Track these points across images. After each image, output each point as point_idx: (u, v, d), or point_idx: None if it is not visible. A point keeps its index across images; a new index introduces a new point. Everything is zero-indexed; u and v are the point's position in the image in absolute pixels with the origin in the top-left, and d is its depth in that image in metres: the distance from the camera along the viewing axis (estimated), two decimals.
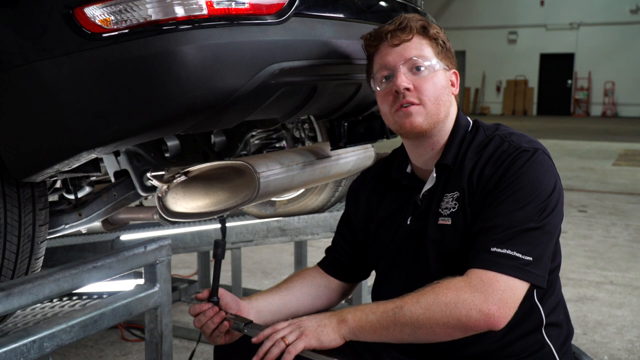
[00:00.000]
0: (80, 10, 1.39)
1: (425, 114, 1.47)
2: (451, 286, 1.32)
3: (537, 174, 1.39)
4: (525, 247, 1.33)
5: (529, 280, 1.33)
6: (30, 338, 1.42)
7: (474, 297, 1.29)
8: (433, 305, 1.31)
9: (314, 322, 1.40)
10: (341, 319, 1.39)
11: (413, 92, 1.46)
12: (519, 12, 24.20)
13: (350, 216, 1.70)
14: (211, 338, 1.51)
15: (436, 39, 1.49)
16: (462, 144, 1.50)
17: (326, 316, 1.41)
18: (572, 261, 4.42)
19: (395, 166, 1.62)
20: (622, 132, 16.23)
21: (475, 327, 1.31)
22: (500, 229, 1.34)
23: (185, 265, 4.33)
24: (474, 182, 1.43)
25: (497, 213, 1.37)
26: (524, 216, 1.34)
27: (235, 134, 2.07)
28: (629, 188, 7.56)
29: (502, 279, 1.30)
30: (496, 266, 1.31)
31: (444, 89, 1.49)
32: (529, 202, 1.36)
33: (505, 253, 1.32)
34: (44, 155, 1.55)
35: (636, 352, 2.96)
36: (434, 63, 1.47)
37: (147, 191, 1.94)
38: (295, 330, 1.38)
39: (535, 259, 1.33)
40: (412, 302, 1.34)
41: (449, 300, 1.30)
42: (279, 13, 1.51)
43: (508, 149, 1.43)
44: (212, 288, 1.51)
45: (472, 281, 1.31)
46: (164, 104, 1.41)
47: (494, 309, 1.29)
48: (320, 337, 1.37)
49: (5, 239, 1.66)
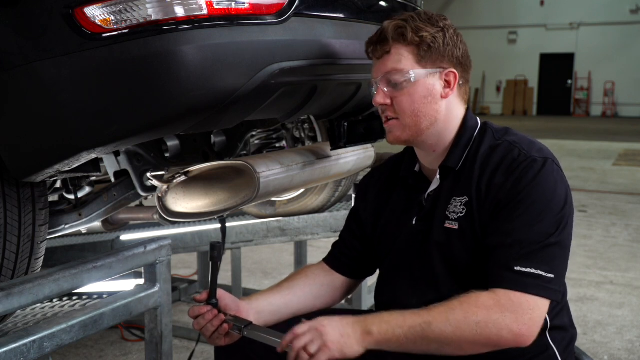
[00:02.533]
0: (80, 10, 1.39)
1: (403, 127, 1.47)
2: (480, 305, 1.32)
3: (550, 185, 1.39)
4: (547, 264, 1.34)
5: (551, 298, 1.35)
6: (30, 338, 1.42)
7: (505, 317, 1.31)
8: (463, 324, 1.31)
9: (337, 331, 1.34)
10: (366, 330, 1.35)
11: (390, 107, 1.47)
12: (519, 12, 24.20)
13: (360, 211, 1.69)
14: (211, 340, 1.50)
15: (418, 43, 1.43)
16: (468, 147, 1.49)
17: (349, 324, 1.36)
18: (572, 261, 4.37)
19: (405, 164, 1.62)
20: (622, 132, 16.23)
21: (504, 346, 1.33)
22: (520, 246, 1.35)
23: (185, 265, 4.33)
24: (483, 189, 1.42)
25: (514, 227, 1.36)
26: (543, 231, 1.35)
27: (235, 134, 2.07)
28: (629, 188, 7.56)
29: (529, 299, 1.32)
30: (523, 287, 1.32)
31: (423, 99, 1.45)
32: (545, 215, 1.36)
33: (530, 272, 1.33)
34: (44, 155, 1.55)
35: (636, 352, 2.96)
36: (412, 74, 1.43)
37: (147, 191, 1.94)
38: (317, 340, 1.32)
39: (557, 276, 1.35)
40: (442, 319, 1.32)
41: (480, 320, 1.31)
42: (279, 13, 1.51)
43: (519, 158, 1.41)
44: (210, 290, 1.50)
45: (502, 301, 1.32)
46: (164, 104, 1.41)
47: (524, 328, 1.31)
48: (344, 349, 1.33)
49: (5, 239, 1.66)
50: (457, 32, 1.50)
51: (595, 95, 23.85)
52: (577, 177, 8.22)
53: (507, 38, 24.57)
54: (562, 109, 24.16)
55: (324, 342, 1.32)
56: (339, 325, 1.35)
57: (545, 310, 1.35)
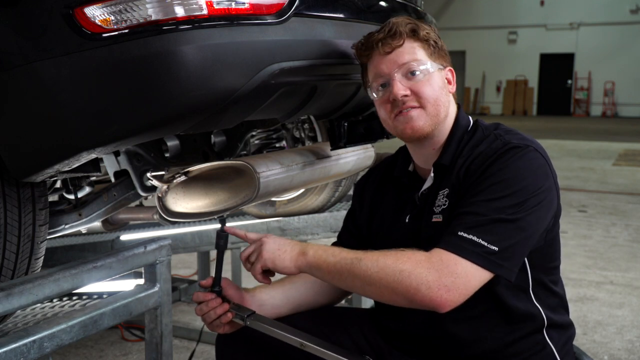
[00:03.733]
0: (80, 10, 1.39)
1: (426, 116, 1.48)
2: (412, 257, 1.33)
3: (523, 170, 1.38)
4: (493, 236, 1.32)
5: (491, 269, 1.32)
6: (30, 338, 1.42)
7: (428, 273, 1.30)
8: (389, 268, 1.32)
9: (275, 245, 1.45)
10: (302, 251, 1.43)
11: (411, 96, 1.47)
12: (519, 12, 24.20)
13: (356, 211, 1.71)
14: (211, 326, 1.52)
15: (427, 40, 1.49)
16: (460, 144, 1.50)
17: (289, 243, 1.46)
18: (572, 261, 4.42)
19: (399, 164, 1.63)
20: (622, 132, 16.23)
21: (419, 302, 1.31)
22: (471, 216, 1.35)
23: (185, 265, 4.33)
24: (461, 177, 1.44)
25: (473, 201, 1.37)
26: (498, 207, 1.34)
27: (235, 134, 2.07)
28: (629, 188, 7.56)
29: (461, 264, 1.30)
30: (459, 250, 1.32)
31: (441, 89, 1.49)
32: (507, 194, 1.35)
33: (470, 239, 1.32)
34: (44, 155, 1.55)
35: (636, 352, 2.96)
36: (429, 65, 1.47)
37: (147, 191, 1.94)
38: (256, 250, 1.46)
39: (502, 250, 1.32)
40: (372, 259, 1.35)
41: (404, 269, 1.31)
42: (279, 13, 1.51)
43: (497, 145, 1.43)
44: (214, 278, 1.52)
45: (432, 258, 1.32)
46: (164, 104, 1.41)
47: (443, 290, 1.29)
48: (276, 261, 1.44)
49: (5, 239, 1.66)
50: None
51: (595, 95, 23.85)
52: (577, 177, 8.22)
53: (507, 38, 24.57)
54: (562, 109, 24.16)
55: (260, 252, 1.45)
56: (279, 240, 1.47)
57: (477, 281, 1.32)
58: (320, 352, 1.41)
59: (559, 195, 1.47)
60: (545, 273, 1.48)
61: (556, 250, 1.51)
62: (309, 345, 1.41)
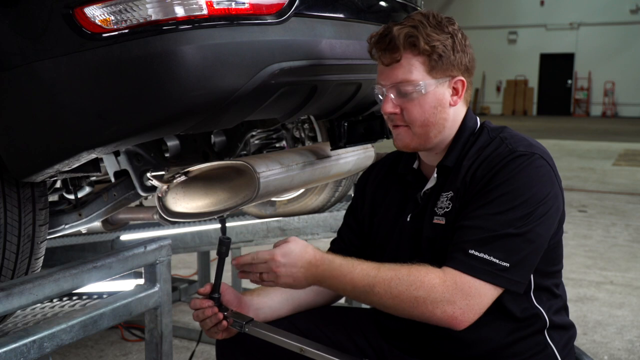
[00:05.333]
0: (80, 10, 1.40)
1: (412, 136, 1.48)
2: (426, 281, 1.34)
3: (529, 179, 1.38)
4: (503, 252, 1.33)
5: (503, 286, 1.35)
6: (30, 338, 1.42)
7: (443, 297, 1.32)
8: (403, 296, 1.34)
9: (290, 278, 1.42)
10: (316, 281, 1.42)
11: (399, 115, 1.47)
12: (519, 12, 24.19)
13: (357, 207, 1.70)
14: (209, 333, 1.52)
15: (429, 53, 1.42)
16: (465, 146, 1.49)
17: (302, 269, 1.41)
18: (572, 261, 4.42)
19: (404, 161, 1.62)
20: (622, 132, 16.22)
21: (437, 324, 1.35)
22: (480, 231, 1.35)
23: (185, 265, 4.33)
24: (467, 182, 1.43)
25: (480, 214, 1.37)
26: (506, 220, 1.34)
27: (235, 134, 2.07)
28: (629, 188, 7.56)
29: (474, 285, 1.33)
30: (471, 270, 1.33)
31: (434, 109, 1.46)
32: (514, 206, 1.35)
33: (482, 257, 1.33)
34: (44, 155, 1.55)
35: (636, 352, 2.96)
36: (423, 85, 1.43)
37: (147, 191, 1.94)
38: (270, 275, 1.43)
39: (513, 265, 1.34)
40: (385, 286, 1.36)
41: (419, 296, 1.33)
42: (279, 13, 1.51)
43: (504, 152, 1.42)
44: (214, 284, 1.51)
45: (447, 282, 1.33)
46: (164, 104, 1.41)
47: (458, 313, 1.32)
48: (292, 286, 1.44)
49: (5, 239, 1.66)
50: (465, 36, 1.50)
51: (595, 95, 23.85)
52: (577, 177, 8.22)
53: (507, 38, 24.57)
54: (562, 109, 24.15)
55: (275, 279, 1.43)
56: (294, 266, 1.41)
57: (490, 299, 1.35)
58: (319, 356, 1.41)
59: (564, 200, 1.47)
60: (548, 277, 1.48)
61: (559, 254, 1.51)
62: (308, 349, 1.41)
